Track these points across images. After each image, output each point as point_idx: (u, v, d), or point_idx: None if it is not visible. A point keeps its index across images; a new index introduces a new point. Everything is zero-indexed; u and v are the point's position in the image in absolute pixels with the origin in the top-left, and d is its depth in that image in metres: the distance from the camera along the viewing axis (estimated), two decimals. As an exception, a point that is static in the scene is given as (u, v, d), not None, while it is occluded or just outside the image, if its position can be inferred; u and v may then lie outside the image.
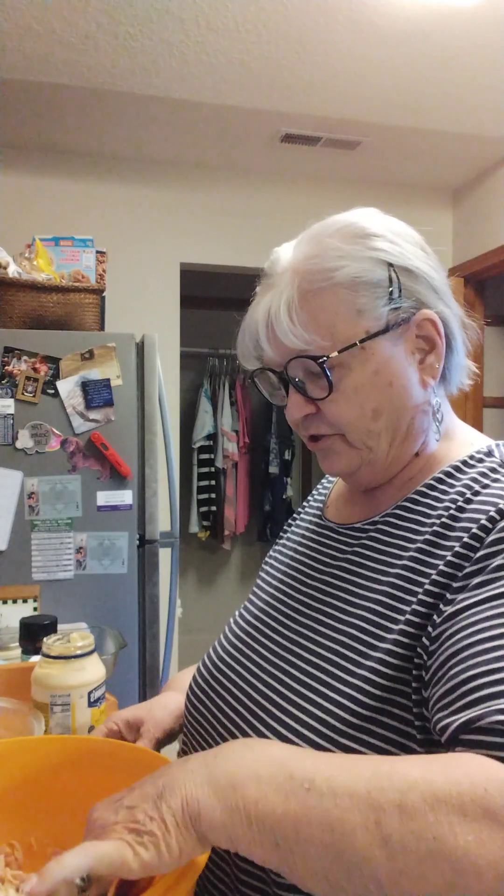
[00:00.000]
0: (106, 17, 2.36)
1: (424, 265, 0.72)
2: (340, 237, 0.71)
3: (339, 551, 0.77)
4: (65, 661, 0.88)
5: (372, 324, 0.70)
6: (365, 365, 0.70)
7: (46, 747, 0.76)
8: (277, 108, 2.96)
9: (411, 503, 0.72)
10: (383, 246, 0.70)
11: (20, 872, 0.70)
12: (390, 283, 0.69)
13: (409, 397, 0.72)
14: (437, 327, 0.72)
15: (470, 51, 2.55)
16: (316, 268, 0.70)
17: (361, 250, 0.70)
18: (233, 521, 4.43)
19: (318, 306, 0.70)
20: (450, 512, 0.67)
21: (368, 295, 0.69)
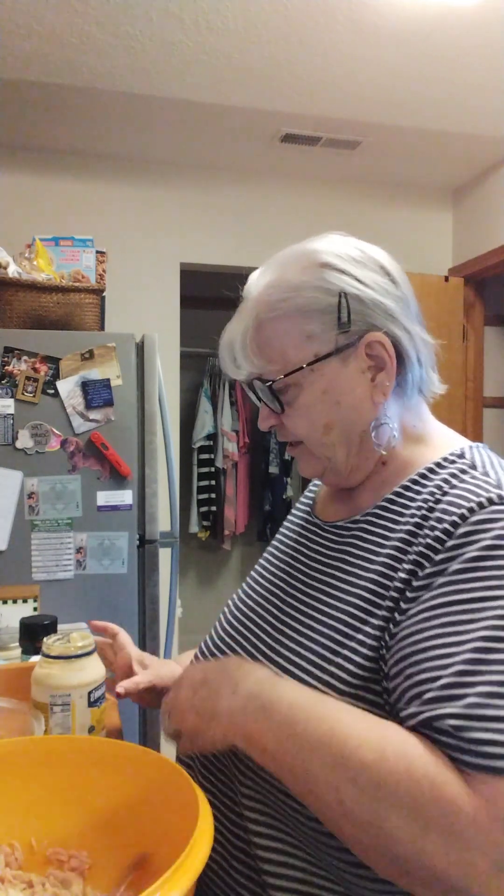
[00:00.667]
0: (106, 17, 2.36)
1: (377, 291, 0.76)
2: (297, 267, 0.78)
3: (326, 548, 0.83)
4: (65, 661, 0.88)
5: (321, 347, 0.76)
6: (314, 385, 0.77)
7: (46, 747, 0.76)
8: (277, 108, 2.96)
9: (388, 503, 0.78)
10: (334, 276, 0.76)
11: (20, 872, 0.70)
12: (339, 310, 0.75)
13: (358, 413, 0.78)
14: (386, 348, 0.77)
15: (470, 51, 2.55)
16: (271, 298, 0.77)
17: (313, 280, 0.76)
18: (233, 521, 4.43)
19: (271, 334, 0.78)
20: (421, 512, 0.72)
21: (317, 321, 0.76)
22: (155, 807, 0.69)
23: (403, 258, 3.06)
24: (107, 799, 0.73)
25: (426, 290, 3.66)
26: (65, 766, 0.74)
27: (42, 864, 0.71)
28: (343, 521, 0.83)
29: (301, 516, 0.94)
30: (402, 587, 0.68)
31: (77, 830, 0.72)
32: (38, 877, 0.69)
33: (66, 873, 0.70)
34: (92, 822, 0.72)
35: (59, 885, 0.69)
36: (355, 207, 3.76)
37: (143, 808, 0.70)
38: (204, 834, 0.58)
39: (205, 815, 0.61)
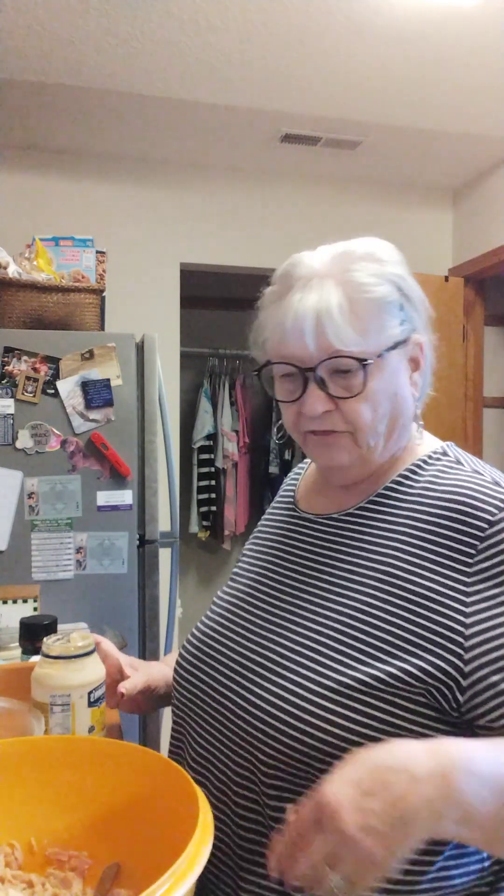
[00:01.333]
0: (106, 17, 2.36)
1: (419, 298, 0.84)
2: (370, 260, 0.81)
3: (320, 539, 0.86)
4: (65, 661, 0.88)
5: (389, 339, 0.80)
6: (383, 373, 0.80)
7: (46, 747, 0.76)
8: (277, 108, 2.96)
9: (382, 497, 0.83)
10: (401, 276, 0.82)
11: (20, 872, 0.70)
12: (402, 308, 0.81)
13: (405, 407, 0.84)
14: (422, 350, 0.85)
15: (470, 51, 2.54)
16: (358, 281, 0.78)
17: (388, 274, 0.81)
18: (233, 521, 4.43)
19: (360, 314, 0.78)
20: (423, 505, 0.79)
21: (390, 313, 0.80)
22: (155, 807, 0.69)
23: (403, 258, 2.93)
24: (107, 799, 0.73)
25: (426, 290, 3.63)
26: (65, 766, 0.74)
27: (42, 864, 0.71)
28: (337, 514, 0.86)
29: (282, 511, 0.96)
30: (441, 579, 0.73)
31: (77, 830, 0.72)
32: (38, 877, 0.69)
33: (66, 873, 0.70)
34: (92, 822, 0.72)
35: (59, 885, 0.69)
36: (355, 207, 3.76)
37: (143, 808, 0.70)
38: (204, 834, 0.58)
39: (205, 815, 0.61)
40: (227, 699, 0.79)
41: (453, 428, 3.74)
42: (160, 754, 0.72)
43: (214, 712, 0.80)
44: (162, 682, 0.96)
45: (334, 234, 3.39)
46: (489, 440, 4.00)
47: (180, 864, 0.54)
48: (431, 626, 0.72)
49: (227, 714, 0.78)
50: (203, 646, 0.87)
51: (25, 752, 0.75)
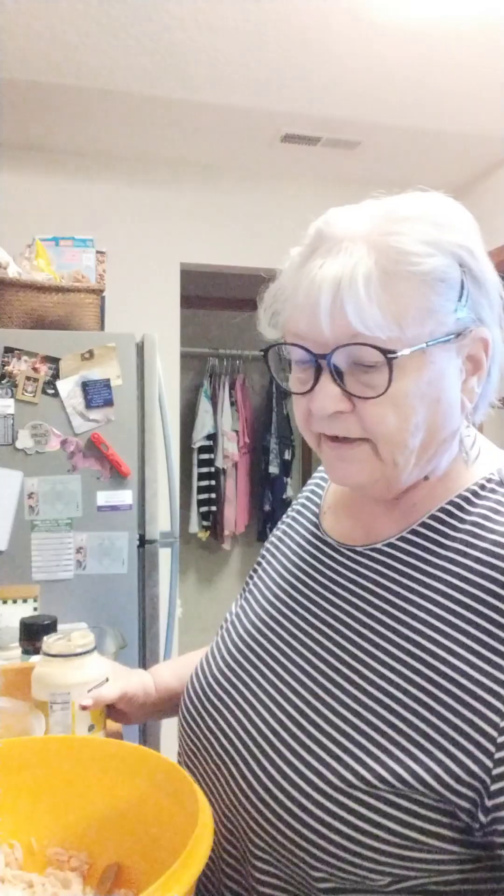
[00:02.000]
0: (106, 17, 2.36)
1: (492, 279, 0.64)
2: (425, 222, 0.62)
3: (343, 577, 0.70)
4: (65, 660, 0.87)
5: (437, 328, 0.60)
6: (421, 371, 0.61)
7: (46, 747, 0.76)
8: (277, 108, 2.95)
9: (419, 536, 0.66)
10: (463, 248, 0.62)
11: (20, 872, 0.70)
12: (461, 290, 0.61)
13: (450, 418, 0.64)
14: (487, 349, 0.64)
15: (470, 51, 2.54)
16: (400, 247, 0.59)
17: (447, 244, 0.61)
18: (233, 521, 4.43)
19: (397, 292, 0.59)
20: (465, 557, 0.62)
21: (443, 295, 0.60)
22: (155, 807, 0.69)
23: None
24: (107, 799, 0.73)
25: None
26: (65, 766, 0.74)
27: (42, 864, 0.71)
28: (362, 548, 0.70)
29: (306, 526, 0.80)
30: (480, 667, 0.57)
31: (77, 830, 0.72)
32: (38, 877, 0.69)
33: (66, 873, 0.70)
34: (92, 822, 0.72)
35: (59, 885, 0.69)
36: (355, 207, 3.76)
37: (143, 808, 0.70)
38: (204, 834, 0.58)
39: (205, 815, 0.61)
40: (225, 766, 0.68)
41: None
42: (160, 754, 0.72)
43: (213, 775, 0.70)
44: (141, 691, 0.89)
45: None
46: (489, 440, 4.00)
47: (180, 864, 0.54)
48: (459, 721, 0.56)
49: (225, 773, 0.67)
50: (209, 691, 0.74)
51: (25, 752, 0.75)
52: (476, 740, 0.55)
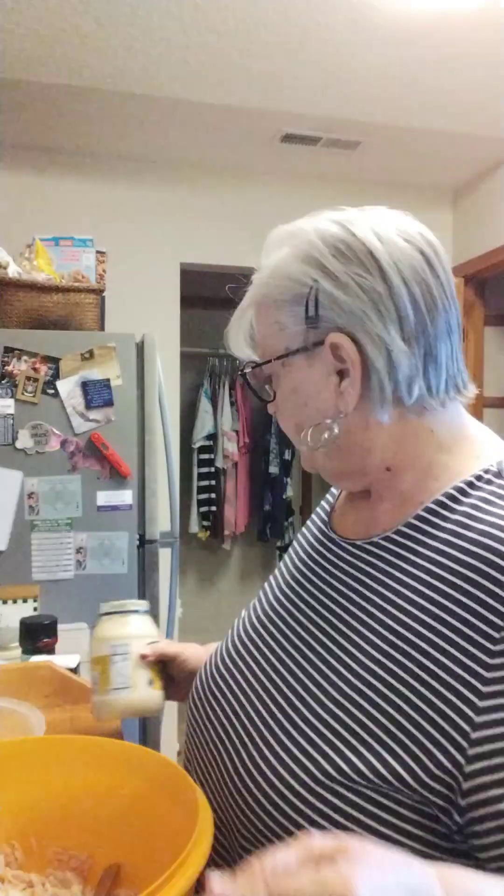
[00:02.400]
0: (106, 17, 2.36)
1: (349, 288, 0.65)
2: (282, 250, 0.71)
3: (342, 570, 0.72)
4: (121, 615, 0.91)
5: (291, 342, 0.69)
6: (286, 381, 0.71)
7: (47, 747, 0.76)
8: (277, 108, 2.96)
9: (412, 528, 0.67)
10: (307, 267, 0.67)
11: (20, 872, 0.70)
12: (307, 303, 0.67)
13: (322, 419, 0.68)
14: (349, 354, 0.66)
15: (470, 51, 2.55)
16: (262, 279, 0.72)
17: (288, 266, 0.69)
18: (233, 521, 4.43)
19: (258, 318, 0.73)
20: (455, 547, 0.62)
21: (288, 312, 0.69)
22: (155, 807, 0.69)
23: (403, 258, 2.92)
24: (107, 799, 0.73)
25: (426, 290, 3.66)
26: (65, 766, 0.75)
27: (42, 864, 0.71)
28: (360, 541, 0.72)
29: (318, 525, 0.83)
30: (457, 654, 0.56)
31: (77, 830, 0.72)
32: (38, 877, 0.69)
33: (66, 873, 0.70)
34: (92, 822, 0.72)
35: (59, 885, 0.69)
36: (355, 207, 3.76)
37: (143, 808, 0.70)
38: (204, 834, 0.58)
39: (205, 815, 0.61)
40: (218, 753, 0.70)
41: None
42: (160, 754, 0.72)
43: (208, 763, 0.72)
44: (194, 657, 0.91)
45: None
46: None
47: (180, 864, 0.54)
48: (433, 713, 0.56)
49: (219, 766, 0.69)
50: (216, 675, 0.77)
51: (25, 752, 0.75)
52: (449, 734, 0.54)
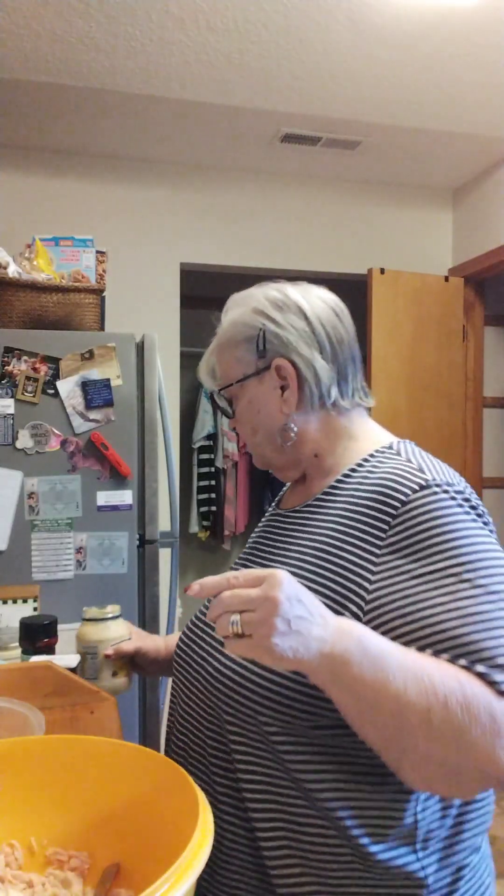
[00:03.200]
0: (106, 17, 2.36)
1: (286, 329, 0.98)
2: (239, 309, 1.02)
3: (284, 527, 1.02)
4: (94, 622, 1.21)
5: (246, 369, 1.00)
6: (243, 397, 1.02)
7: (46, 747, 0.76)
8: (277, 108, 2.96)
9: (331, 488, 0.97)
10: (256, 317, 0.99)
11: (20, 872, 0.70)
12: (257, 341, 0.99)
13: (272, 420, 1.00)
14: (288, 371, 0.97)
15: (470, 51, 2.55)
16: (223, 329, 1.03)
17: (245, 318, 1.00)
18: (233, 521, 4.43)
19: (221, 357, 1.04)
20: (356, 490, 0.92)
21: (244, 349, 1.00)
22: (155, 807, 0.69)
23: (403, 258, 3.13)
24: (107, 799, 0.73)
25: (426, 290, 3.66)
26: (65, 766, 0.75)
27: (42, 864, 0.71)
28: (298, 507, 1.02)
29: (270, 512, 1.14)
30: (359, 551, 0.86)
31: (77, 830, 0.72)
32: (38, 877, 0.69)
33: (66, 873, 0.70)
34: (92, 822, 0.72)
35: (59, 885, 0.69)
36: (355, 207, 3.76)
37: (143, 808, 0.70)
38: (204, 834, 0.58)
39: (205, 815, 0.61)
40: (202, 667, 0.94)
41: (453, 428, 3.74)
42: (160, 754, 0.72)
43: (196, 676, 0.95)
44: (152, 648, 1.21)
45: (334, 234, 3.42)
46: (489, 440, 4.00)
47: (180, 864, 0.54)
48: (347, 591, 0.84)
49: (203, 677, 0.93)
50: (193, 626, 1.03)
51: (25, 752, 0.75)
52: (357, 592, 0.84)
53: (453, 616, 0.77)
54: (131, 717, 2.18)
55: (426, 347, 3.63)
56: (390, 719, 0.71)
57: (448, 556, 0.80)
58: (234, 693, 0.88)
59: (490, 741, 0.70)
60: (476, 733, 0.70)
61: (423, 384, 3.63)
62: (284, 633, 0.68)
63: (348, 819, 0.82)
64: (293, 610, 0.69)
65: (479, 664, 0.74)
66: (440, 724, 0.70)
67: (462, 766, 0.72)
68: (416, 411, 3.62)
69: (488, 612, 0.77)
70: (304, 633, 0.69)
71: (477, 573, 0.79)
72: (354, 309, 1.14)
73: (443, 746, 0.71)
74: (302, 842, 0.83)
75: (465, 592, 0.78)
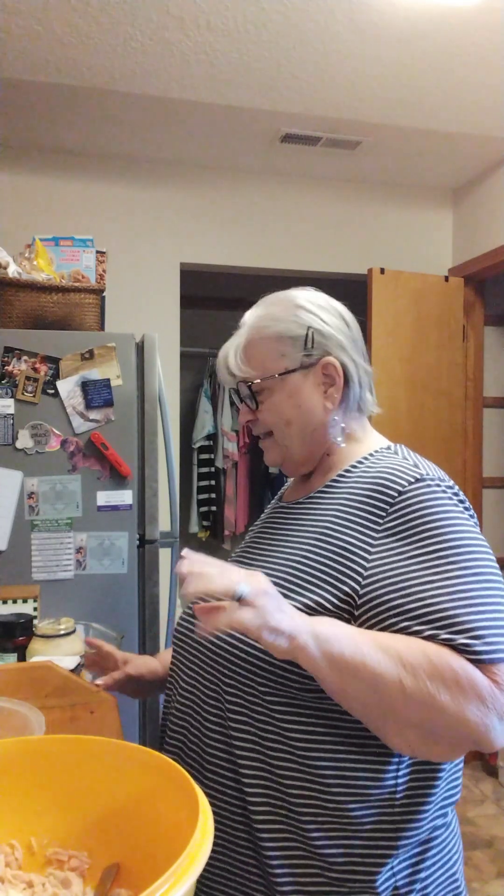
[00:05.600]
0: (106, 17, 2.36)
1: (334, 329, 1.05)
2: (280, 306, 1.07)
3: (288, 517, 1.09)
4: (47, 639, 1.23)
5: (290, 363, 1.05)
6: (283, 390, 1.05)
7: (46, 747, 0.76)
8: (277, 108, 2.96)
9: (333, 482, 1.06)
10: (304, 315, 1.05)
11: (20, 872, 0.70)
12: (305, 338, 1.04)
13: (312, 415, 1.06)
14: (336, 370, 1.04)
15: (470, 51, 2.55)
16: (259, 324, 1.07)
17: (290, 315, 1.05)
18: (233, 521, 4.43)
19: (257, 350, 1.06)
20: (358, 484, 1.00)
21: (289, 344, 1.05)
22: (155, 807, 0.69)
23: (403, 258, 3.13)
24: (107, 799, 0.73)
25: (426, 290, 3.66)
26: (65, 766, 0.75)
27: (42, 864, 0.71)
28: (301, 499, 1.10)
29: (273, 504, 1.21)
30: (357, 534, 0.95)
31: (77, 830, 0.72)
32: (38, 877, 0.69)
33: (66, 873, 0.70)
34: (92, 822, 0.72)
35: (59, 885, 0.69)
36: (355, 207, 3.76)
37: (143, 808, 0.70)
38: (204, 834, 0.58)
39: (205, 815, 0.61)
40: (202, 641, 1.01)
41: (453, 428, 3.74)
42: (160, 754, 0.72)
43: (195, 650, 1.03)
44: (146, 671, 1.23)
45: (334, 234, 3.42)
46: (489, 440, 4.00)
47: (180, 864, 0.54)
48: (345, 568, 0.93)
49: (204, 650, 1.01)
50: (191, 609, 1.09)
51: (25, 752, 0.75)
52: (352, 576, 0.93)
53: (441, 593, 0.86)
54: (131, 717, 2.18)
55: (426, 347, 3.63)
56: (369, 690, 0.82)
57: (439, 540, 0.90)
58: (234, 659, 0.97)
59: (459, 704, 0.80)
60: (444, 698, 0.80)
61: (423, 384, 3.63)
62: (278, 608, 0.81)
63: (332, 779, 0.90)
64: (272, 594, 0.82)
65: (460, 635, 0.83)
66: (413, 692, 0.80)
67: (437, 728, 0.82)
68: (416, 411, 3.62)
69: (471, 591, 0.86)
70: (290, 612, 0.82)
71: (463, 556, 0.89)
72: (354, 309, 1.15)
73: (417, 712, 0.81)
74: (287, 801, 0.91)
75: (452, 573, 0.87)
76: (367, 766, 0.91)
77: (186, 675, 1.04)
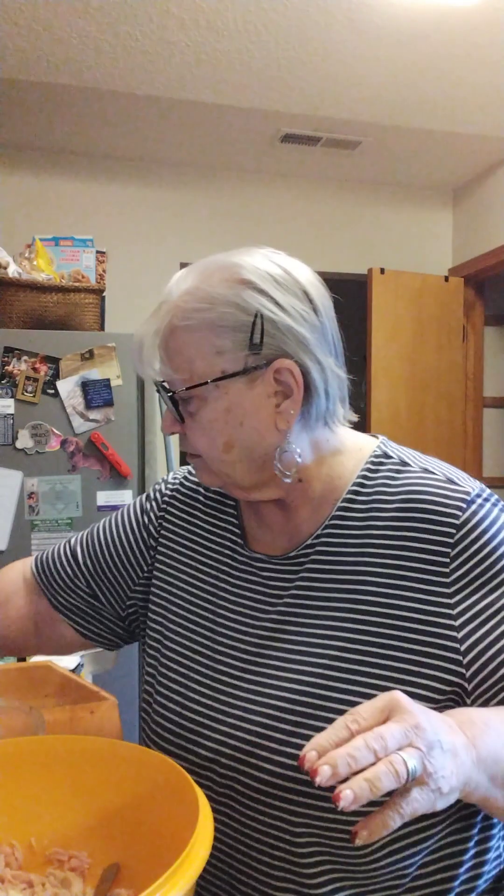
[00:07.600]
0: (106, 17, 2.36)
1: (294, 317, 0.72)
2: (217, 279, 0.73)
3: (286, 582, 0.78)
4: None
5: (228, 365, 0.72)
6: (218, 402, 0.73)
7: (46, 747, 0.76)
8: (277, 108, 2.96)
9: (338, 520, 0.76)
10: (252, 295, 0.71)
11: (20, 872, 0.70)
12: (252, 330, 0.71)
13: (260, 436, 0.73)
14: (294, 376, 0.72)
15: (470, 51, 2.55)
16: (187, 306, 0.73)
17: (230, 295, 0.71)
18: (233, 521, 4.43)
19: (182, 343, 0.73)
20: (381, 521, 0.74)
21: (228, 338, 0.71)
22: (155, 807, 0.69)
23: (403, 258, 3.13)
24: (107, 799, 0.73)
25: (426, 290, 3.67)
26: (65, 766, 0.74)
27: (42, 864, 0.71)
28: (295, 552, 0.78)
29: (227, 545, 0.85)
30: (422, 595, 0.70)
31: (77, 830, 0.72)
32: (38, 877, 0.69)
33: (66, 873, 0.70)
34: (92, 822, 0.72)
35: (59, 885, 0.69)
36: (355, 207, 3.76)
37: (143, 808, 0.70)
38: (204, 834, 0.58)
39: (205, 815, 0.61)
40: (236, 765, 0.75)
41: (453, 428, 3.74)
42: (160, 754, 0.72)
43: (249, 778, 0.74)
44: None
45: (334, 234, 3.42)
46: (489, 440, 4.00)
47: (180, 864, 0.54)
48: (424, 648, 0.69)
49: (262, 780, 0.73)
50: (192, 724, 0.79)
51: (25, 752, 0.75)
52: (447, 647, 0.69)
53: None
54: (131, 717, 2.18)
55: (426, 347, 3.63)
56: None
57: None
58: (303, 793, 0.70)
59: None
60: None
61: (423, 384, 3.63)
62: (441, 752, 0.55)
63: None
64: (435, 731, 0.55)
65: None
66: None
67: None
68: (416, 411, 3.62)
69: None
70: (448, 746, 0.56)
71: None
72: (354, 309, 1.14)
73: None
74: None
75: None
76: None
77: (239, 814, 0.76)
